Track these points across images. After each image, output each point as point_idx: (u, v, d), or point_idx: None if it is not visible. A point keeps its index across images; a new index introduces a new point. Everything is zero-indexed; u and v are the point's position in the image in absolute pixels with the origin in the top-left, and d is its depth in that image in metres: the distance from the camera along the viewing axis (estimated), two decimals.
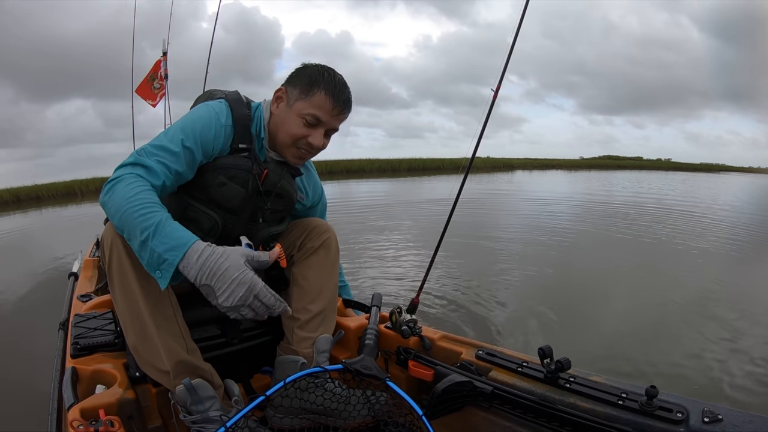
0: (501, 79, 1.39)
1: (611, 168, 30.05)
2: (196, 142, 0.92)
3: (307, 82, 0.96)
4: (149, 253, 0.76)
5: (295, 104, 0.97)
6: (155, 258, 0.76)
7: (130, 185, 0.81)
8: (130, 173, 0.84)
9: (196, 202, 0.98)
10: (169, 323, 0.88)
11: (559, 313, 2.76)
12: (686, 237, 5.35)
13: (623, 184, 14.41)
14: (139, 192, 0.80)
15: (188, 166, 0.92)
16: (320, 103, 0.96)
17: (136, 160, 0.86)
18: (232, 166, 0.98)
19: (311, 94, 0.96)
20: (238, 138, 0.99)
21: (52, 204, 12.11)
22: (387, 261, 3.96)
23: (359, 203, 9.26)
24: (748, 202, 10.51)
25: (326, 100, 0.96)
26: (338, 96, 0.97)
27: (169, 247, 0.75)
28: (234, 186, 0.98)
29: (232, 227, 1.02)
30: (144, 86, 4.08)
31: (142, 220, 0.77)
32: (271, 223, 1.09)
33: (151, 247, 0.76)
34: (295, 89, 0.97)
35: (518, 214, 7.49)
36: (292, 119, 0.97)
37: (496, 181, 15.88)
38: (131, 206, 0.78)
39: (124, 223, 0.79)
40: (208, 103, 0.99)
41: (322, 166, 19.80)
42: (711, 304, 2.92)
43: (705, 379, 1.95)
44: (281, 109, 1.00)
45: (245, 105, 1.02)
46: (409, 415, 0.79)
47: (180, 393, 0.85)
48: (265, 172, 1.01)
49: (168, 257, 0.75)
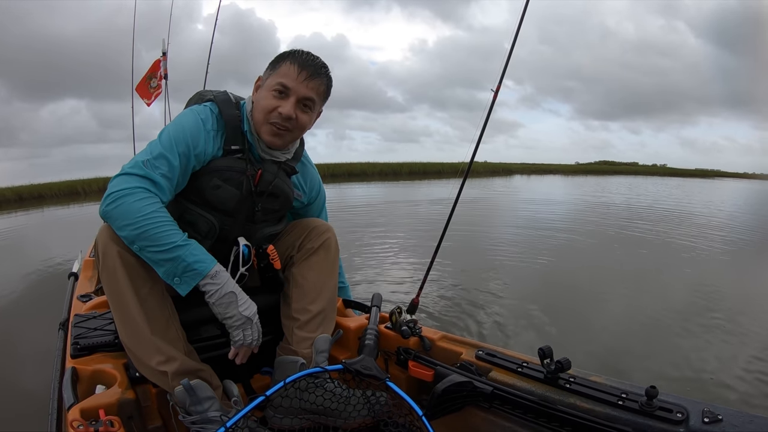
0: (501, 79, 1.39)
1: (608, 173, 30.95)
2: (188, 148, 0.93)
3: (276, 59, 1.00)
4: (174, 262, 0.83)
5: (266, 81, 1.00)
6: (181, 267, 0.83)
7: (145, 201, 0.84)
8: (140, 187, 0.85)
9: (192, 206, 0.99)
10: (165, 325, 0.88)
11: (559, 313, 2.77)
12: (683, 238, 5.36)
13: (620, 189, 14.54)
14: (158, 210, 0.85)
15: (183, 175, 0.94)
16: (286, 71, 0.97)
17: (143, 173, 0.87)
18: (225, 168, 0.98)
19: (278, 66, 0.98)
20: (230, 140, 0.99)
21: (55, 203, 12.14)
22: (387, 261, 3.97)
23: (361, 204, 9.28)
24: (741, 206, 10.66)
25: (291, 67, 0.97)
26: (305, 62, 0.98)
27: (199, 259, 0.84)
28: (228, 188, 0.99)
29: (229, 229, 1.02)
30: (142, 85, 4.08)
31: (169, 235, 0.83)
32: (268, 224, 1.09)
33: (180, 256, 0.83)
34: (267, 70, 1.01)
35: (518, 215, 7.49)
36: (263, 96, 0.99)
37: (495, 185, 15.92)
38: (153, 222, 0.82)
39: (140, 236, 0.82)
40: (194, 109, 0.99)
41: (327, 169, 20.23)
42: (710, 303, 2.92)
43: (704, 379, 1.96)
44: (258, 95, 1.01)
45: (234, 105, 1.02)
46: (409, 415, 0.79)
47: (179, 394, 0.85)
48: (260, 173, 1.01)
49: (197, 267, 0.84)
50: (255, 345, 0.93)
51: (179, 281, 0.85)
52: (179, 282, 0.85)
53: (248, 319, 0.90)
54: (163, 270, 0.85)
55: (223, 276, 0.88)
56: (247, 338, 0.91)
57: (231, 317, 0.89)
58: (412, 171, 22.91)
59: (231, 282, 0.89)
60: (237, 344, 0.91)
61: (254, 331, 0.92)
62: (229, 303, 0.88)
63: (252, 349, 0.94)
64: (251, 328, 0.91)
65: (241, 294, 0.90)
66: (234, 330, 0.90)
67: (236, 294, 0.89)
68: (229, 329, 0.90)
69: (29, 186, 14.48)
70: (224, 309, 0.88)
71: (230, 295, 0.88)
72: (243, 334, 0.90)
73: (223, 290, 0.87)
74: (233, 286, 0.89)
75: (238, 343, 0.91)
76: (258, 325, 0.93)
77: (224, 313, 0.88)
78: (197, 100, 1.04)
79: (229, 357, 0.93)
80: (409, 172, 22.65)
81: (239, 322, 0.89)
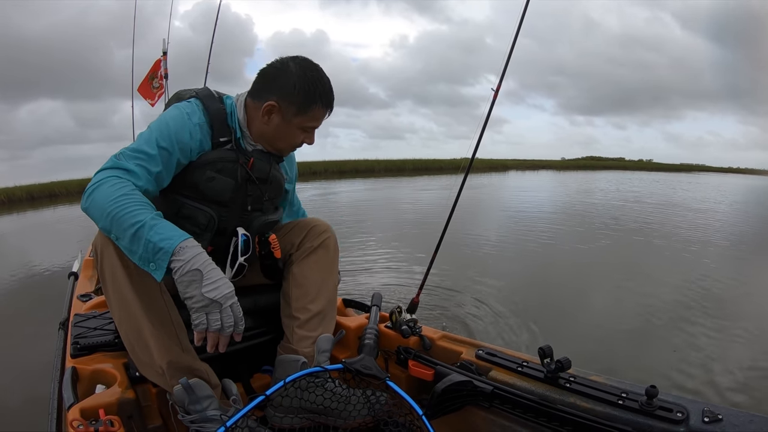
0: (501, 80, 1.39)
1: (597, 168, 32.19)
2: (171, 142, 0.92)
3: (304, 98, 0.98)
4: (143, 245, 0.77)
5: (294, 119, 1.00)
6: (150, 249, 0.77)
7: (115, 186, 0.82)
8: (112, 176, 0.84)
9: (188, 200, 0.99)
10: (163, 323, 0.88)
11: (560, 312, 2.77)
12: (674, 232, 5.39)
13: (607, 186, 14.79)
14: (129, 192, 0.81)
15: (165, 166, 0.92)
16: (319, 116, 1.02)
17: (115, 164, 0.86)
18: (218, 159, 0.99)
19: (309, 110, 1.00)
20: (217, 133, 1.00)
21: (69, 201, 12.21)
22: (387, 261, 3.97)
23: (362, 202, 9.28)
24: (721, 201, 10.80)
25: (323, 111, 1.02)
26: (330, 102, 1.03)
27: (165, 237, 0.78)
28: (223, 178, 0.99)
29: (226, 220, 1.02)
30: (144, 85, 4.09)
31: (134, 215, 0.78)
32: (265, 212, 1.10)
33: (146, 238, 0.77)
34: (292, 106, 0.98)
35: (518, 214, 7.49)
36: (292, 132, 1.02)
37: (495, 181, 16.20)
38: (120, 204, 0.79)
39: (111, 222, 0.79)
40: (177, 105, 0.99)
41: (333, 165, 20.94)
42: (708, 303, 2.92)
43: (704, 379, 1.96)
44: (276, 123, 1.00)
45: (218, 99, 1.03)
46: (409, 414, 0.79)
47: (177, 393, 0.85)
48: (252, 161, 1.03)
49: (164, 245, 0.77)
50: (230, 333, 0.82)
51: (154, 266, 0.78)
52: (154, 267, 0.78)
53: (213, 301, 0.78)
54: (137, 257, 0.79)
55: (190, 252, 0.78)
56: (213, 324, 0.79)
57: (191, 298, 0.79)
58: (416, 167, 24.24)
59: (200, 260, 0.79)
60: (197, 328, 0.80)
61: (225, 316, 0.80)
62: (190, 282, 0.78)
63: (232, 336, 0.83)
64: (219, 312, 0.80)
65: (211, 274, 0.79)
66: (194, 312, 0.79)
67: (202, 273, 0.78)
68: (190, 311, 0.80)
69: (40, 185, 14.76)
70: (184, 288, 0.79)
71: (194, 273, 0.78)
72: (207, 318, 0.79)
73: (186, 267, 0.78)
74: (201, 264, 0.79)
75: (198, 327, 0.79)
76: (233, 310, 0.81)
77: (184, 293, 0.79)
78: (176, 100, 1.05)
79: (196, 343, 0.82)
80: (412, 168, 23.92)
81: (199, 303, 0.78)
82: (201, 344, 0.81)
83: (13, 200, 13.29)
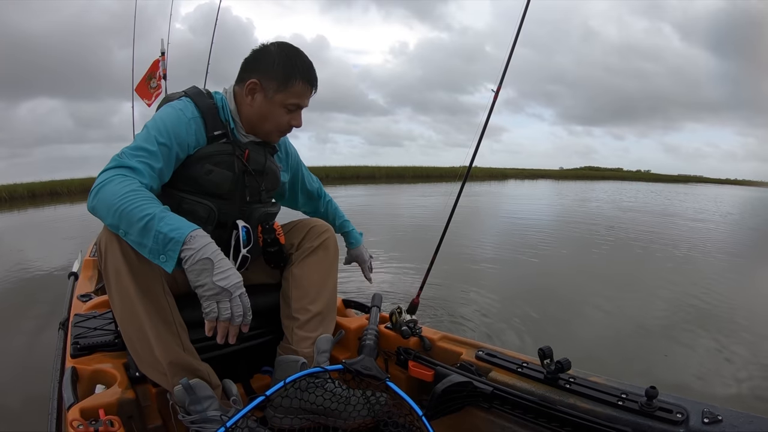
0: (501, 80, 1.39)
1: (596, 178, 33.53)
2: (169, 137, 0.93)
3: (283, 74, 1.00)
4: (153, 237, 0.78)
5: (275, 96, 1.01)
6: (160, 240, 0.78)
7: (122, 183, 0.82)
8: (117, 174, 0.85)
9: (188, 195, 0.99)
10: (165, 323, 0.88)
11: (560, 313, 2.77)
12: (672, 240, 5.38)
13: (607, 196, 14.85)
14: (136, 188, 0.82)
15: (166, 162, 0.93)
16: (300, 92, 1.02)
17: (118, 163, 0.87)
18: (214, 153, 1.00)
19: (290, 85, 1.00)
20: (210, 127, 1.01)
21: (71, 200, 12.20)
22: (387, 261, 3.96)
23: (363, 205, 9.28)
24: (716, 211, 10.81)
25: (304, 86, 1.02)
26: (312, 78, 1.04)
27: (175, 227, 0.78)
28: (221, 171, 1.00)
29: (226, 212, 1.03)
30: (142, 85, 4.09)
31: (143, 209, 0.79)
32: (263, 203, 1.10)
33: (156, 229, 0.78)
34: (272, 82, 1.00)
35: (518, 217, 7.49)
36: (276, 111, 1.02)
37: (494, 189, 16.31)
38: (128, 200, 0.80)
39: (120, 217, 0.80)
40: (170, 104, 1.01)
41: (334, 171, 21.52)
42: (708, 303, 2.92)
43: (704, 379, 1.96)
44: (259, 102, 1.02)
45: (207, 96, 1.04)
46: (409, 415, 0.79)
47: (178, 393, 0.85)
48: (247, 152, 1.04)
49: (174, 235, 0.78)
50: (239, 323, 0.82)
51: (165, 258, 0.79)
52: (164, 259, 0.79)
53: (224, 290, 0.79)
54: (147, 250, 0.79)
55: (200, 241, 0.79)
56: (223, 312, 0.80)
57: (202, 285, 0.79)
58: (416, 174, 25.41)
59: (210, 249, 0.80)
60: (208, 317, 0.80)
61: (235, 305, 0.80)
62: (202, 270, 0.79)
63: (240, 327, 0.82)
64: (229, 301, 0.80)
65: (221, 263, 0.80)
66: (205, 300, 0.80)
67: (213, 261, 0.79)
68: (201, 299, 0.80)
69: (41, 183, 14.79)
70: (196, 276, 0.79)
71: (205, 262, 0.79)
72: (217, 307, 0.80)
73: (197, 256, 0.78)
74: (212, 253, 0.80)
75: (209, 315, 0.80)
76: (242, 300, 0.82)
77: (195, 281, 0.79)
78: (166, 102, 1.06)
79: (207, 333, 0.81)
80: (413, 175, 25.06)
81: (211, 291, 0.79)
82: (211, 334, 0.81)
83: (14, 197, 13.32)
